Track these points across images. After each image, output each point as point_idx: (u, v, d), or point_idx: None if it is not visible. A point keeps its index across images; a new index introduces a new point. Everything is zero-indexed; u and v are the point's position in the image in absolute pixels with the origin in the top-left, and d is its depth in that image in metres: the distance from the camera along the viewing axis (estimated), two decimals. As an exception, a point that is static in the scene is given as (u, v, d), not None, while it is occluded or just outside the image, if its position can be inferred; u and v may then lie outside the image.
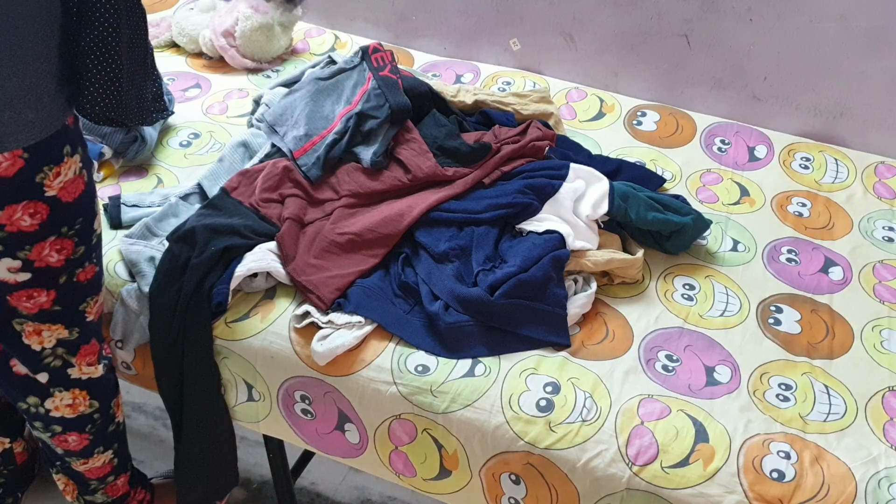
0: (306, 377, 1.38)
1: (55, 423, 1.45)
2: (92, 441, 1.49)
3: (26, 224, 1.20)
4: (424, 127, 1.67)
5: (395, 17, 2.23)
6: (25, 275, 1.24)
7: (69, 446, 1.49)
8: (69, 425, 1.45)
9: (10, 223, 1.18)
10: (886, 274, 1.56)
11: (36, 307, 1.29)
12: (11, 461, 1.72)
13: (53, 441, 1.48)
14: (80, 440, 1.48)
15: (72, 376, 1.40)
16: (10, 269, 1.23)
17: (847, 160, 1.85)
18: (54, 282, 1.28)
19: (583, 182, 1.56)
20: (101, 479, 1.56)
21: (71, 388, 1.41)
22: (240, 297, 1.45)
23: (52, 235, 1.24)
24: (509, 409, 1.28)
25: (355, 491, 1.90)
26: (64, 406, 1.43)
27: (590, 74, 2.08)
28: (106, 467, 1.55)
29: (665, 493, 1.20)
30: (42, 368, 1.37)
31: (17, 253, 1.22)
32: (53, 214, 1.22)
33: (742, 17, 1.87)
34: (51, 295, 1.29)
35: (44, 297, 1.28)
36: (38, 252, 1.23)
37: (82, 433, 1.47)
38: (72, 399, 1.42)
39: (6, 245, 1.21)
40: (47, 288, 1.28)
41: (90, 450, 1.50)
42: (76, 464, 1.52)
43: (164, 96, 1.42)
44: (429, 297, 1.40)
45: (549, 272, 1.40)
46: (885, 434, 1.27)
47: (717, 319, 1.44)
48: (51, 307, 1.30)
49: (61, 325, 1.33)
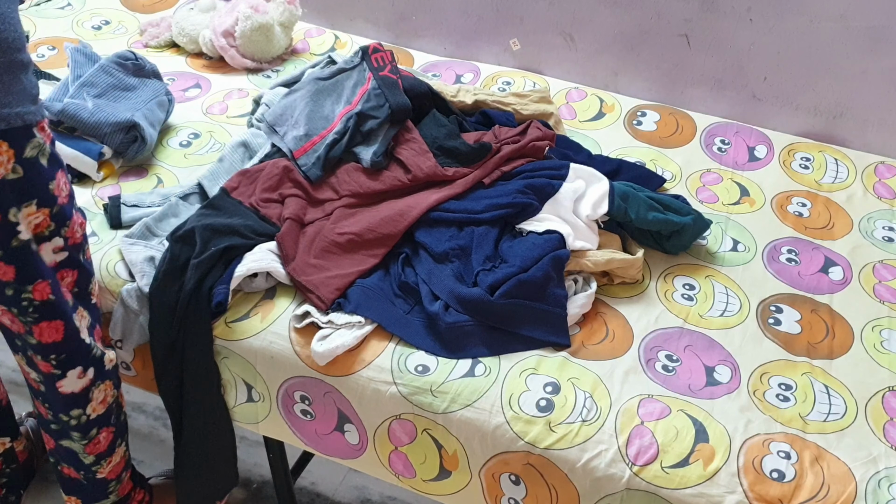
0: (306, 377, 1.38)
1: (94, 426, 1.43)
2: (115, 434, 1.49)
3: (64, 195, 1.19)
4: (424, 127, 1.67)
5: (395, 17, 2.23)
6: (64, 254, 1.23)
7: (100, 447, 1.47)
8: (101, 422, 1.44)
9: (59, 195, 1.17)
10: (886, 274, 1.56)
11: (68, 290, 1.28)
12: (14, 460, 1.72)
13: (87, 449, 1.45)
14: (107, 435, 1.47)
15: (106, 367, 1.40)
16: (55, 250, 1.21)
17: (847, 160, 1.85)
18: (77, 261, 1.27)
19: (583, 182, 1.56)
20: (118, 479, 1.55)
21: (105, 381, 1.41)
22: (240, 297, 1.45)
23: (74, 208, 1.23)
24: (509, 409, 1.28)
25: (355, 491, 1.90)
26: (98, 404, 1.41)
27: (590, 74, 2.08)
28: (122, 463, 1.54)
29: (665, 493, 1.20)
30: (91, 363, 1.36)
31: (61, 230, 1.21)
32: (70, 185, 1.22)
33: (742, 17, 1.87)
34: (74, 275, 1.27)
35: (70, 278, 1.27)
36: (72, 228, 1.23)
37: (109, 426, 1.46)
38: (104, 392, 1.41)
39: (57, 221, 1.19)
40: (72, 268, 1.27)
41: (114, 445, 1.49)
42: (102, 468, 1.50)
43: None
44: (429, 297, 1.40)
45: (549, 272, 1.40)
46: (885, 434, 1.27)
47: (717, 319, 1.44)
48: (73, 288, 1.29)
49: (83, 309, 1.32)
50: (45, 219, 1.19)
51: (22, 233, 1.17)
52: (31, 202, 1.17)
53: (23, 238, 1.18)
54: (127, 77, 1.76)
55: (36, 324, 1.27)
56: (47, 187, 1.18)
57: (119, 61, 1.78)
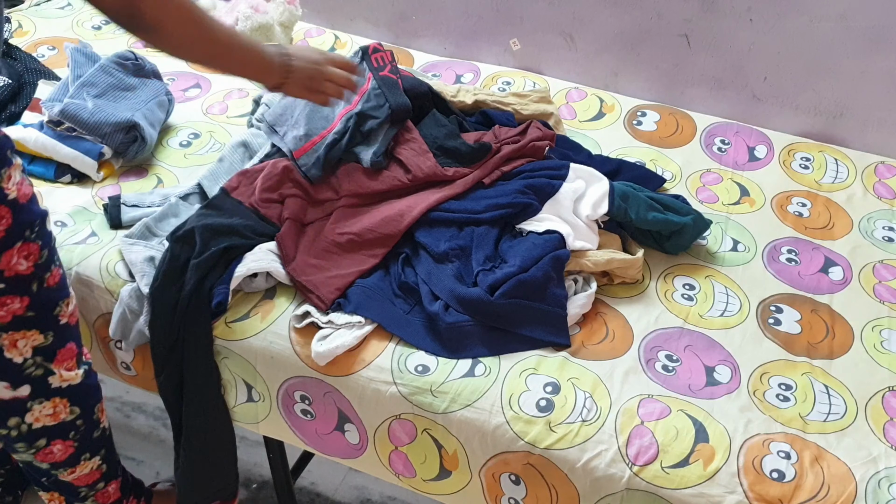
0: (306, 377, 1.38)
1: (39, 437, 1.41)
2: (77, 448, 1.46)
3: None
4: (424, 127, 1.67)
5: (395, 17, 2.23)
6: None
7: (55, 457, 1.45)
8: (52, 434, 1.42)
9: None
10: (886, 274, 1.56)
11: (9, 314, 1.26)
12: (9, 461, 1.72)
13: (38, 457, 1.44)
14: (64, 448, 1.44)
15: (52, 385, 1.37)
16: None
17: (847, 160, 1.85)
18: (27, 289, 1.26)
19: (583, 182, 1.56)
20: (90, 486, 1.54)
21: (52, 398, 1.38)
22: (240, 297, 1.45)
23: (18, 241, 1.21)
24: (509, 409, 1.28)
25: (355, 491, 1.90)
26: (45, 416, 1.39)
27: (590, 74, 2.08)
28: (94, 474, 1.52)
29: (665, 494, 1.20)
30: (24, 380, 1.34)
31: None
32: (16, 218, 1.19)
33: (742, 17, 1.87)
34: (24, 301, 1.26)
35: (17, 304, 1.26)
36: (7, 261, 1.21)
37: (66, 440, 1.44)
38: (52, 408, 1.39)
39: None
40: (20, 295, 1.25)
41: (76, 457, 1.47)
42: (63, 474, 1.49)
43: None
44: (429, 297, 1.40)
45: (549, 272, 1.40)
46: (885, 434, 1.27)
47: (717, 319, 1.44)
48: (24, 313, 1.27)
49: (36, 331, 1.30)
50: None
51: None
52: None
53: None
54: (127, 77, 1.76)
55: None
56: None
57: (119, 61, 1.78)
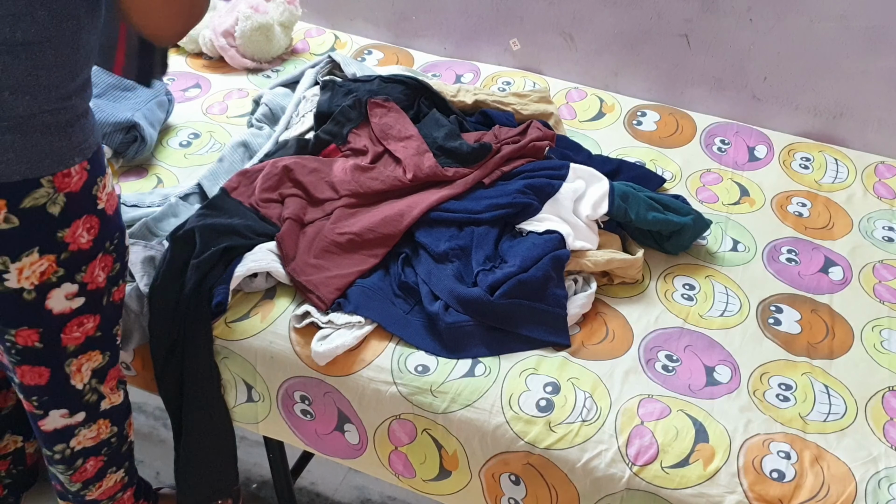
0: (306, 377, 1.38)
1: (78, 458, 1.41)
2: (106, 462, 1.46)
3: (84, 241, 1.15)
4: (424, 127, 1.67)
5: (395, 17, 2.23)
6: (80, 300, 1.19)
7: (87, 475, 1.44)
8: (89, 453, 1.42)
9: (73, 241, 1.14)
10: (886, 274, 1.56)
11: (83, 335, 1.24)
12: (22, 461, 1.71)
13: (73, 478, 1.43)
14: (95, 463, 1.44)
15: (102, 409, 1.36)
16: (68, 296, 1.18)
17: (847, 160, 1.85)
18: (100, 305, 1.23)
19: (583, 182, 1.56)
20: (110, 498, 1.54)
21: (97, 420, 1.38)
22: (240, 297, 1.45)
23: (100, 252, 1.19)
24: (509, 409, 1.28)
25: (355, 491, 1.90)
26: (88, 439, 1.39)
27: (590, 74, 2.08)
28: (116, 486, 1.52)
29: (665, 494, 1.20)
30: (81, 407, 1.33)
31: (75, 276, 1.17)
32: (102, 228, 1.18)
33: (742, 17, 1.87)
34: (96, 320, 1.24)
35: (91, 324, 1.23)
36: (91, 272, 1.19)
37: (98, 456, 1.44)
38: (97, 430, 1.39)
39: (67, 268, 1.15)
40: (94, 312, 1.23)
41: (104, 471, 1.47)
42: (91, 492, 1.48)
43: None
44: (429, 297, 1.40)
45: (549, 272, 1.40)
46: (885, 434, 1.27)
47: (717, 319, 1.44)
48: (94, 333, 1.25)
49: (99, 352, 1.29)
50: (52, 265, 1.15)
51: (8, 281, 1.14)
52: (31, 251, 1.13)
53: (8, 286, 1.14)
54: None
55: (18, 365, 1.24)
56: (54, 235, 1.13)
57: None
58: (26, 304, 1.16)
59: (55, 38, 1.06)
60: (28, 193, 1.09)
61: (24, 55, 1.04)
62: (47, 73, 1.07)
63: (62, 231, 1.13)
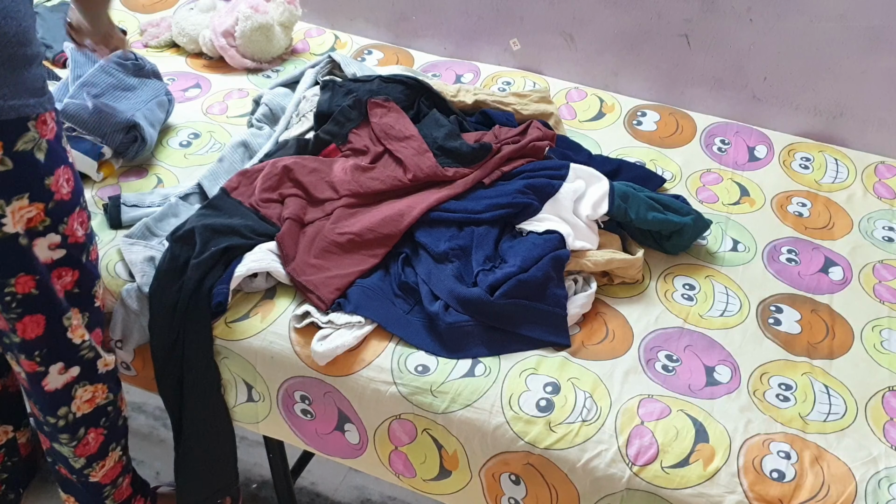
0: (306, 377, 1.38)
1: (81, 425, 1.43)
2: (107, 436, 1.48)
3: (65, 192, 1.17)
4: (424, 127, 1.67)
5: (395, 17, 2.23)
6: (61, 251, 1.21)
7: (90, 448, 1.46)
8: (89, 422, 1.44)
9: (57, 191, 1.15)
10: (886, 274, 1.56)
11: (62, 289, 1.26)
12: (16, 452, 1.71)
13: (76, 451, 1.45)
14: (96, 436, 1.46)
15: (98, 370, 1.39)
16: (51, 247, 1.19)
17: (847, 160, 1.85)
18: (79, 261, 1.25)
19: (583, 182, 1.56)
20: (113, 483, 1.55)
21: (95, 383, 1.40)
22: (240, 297, 1.45)
23: (77, 206, 1.21)
24: (509, 409, 1.28)
25: (355, 491, 1.90)
26: (84, 403, 1.40)
27: (590, 74, 2.08)
28: (117, 467, 1.54)
29: (665, 494, 1.20)
30: (77, 361, 1.35)
31: (58, 227, 1.19)
32: (76, 181, 1.20)
33: (742, 17, 1.87)
34: (75, 275, 1.26)
35: (69, 278, 1.25)
36: (71, 225, 1.21)
37: (98, 428, 1.46)
38: (92, 393, 1.41)
39: (52, 218, 1.17)
40: (73, 267, 1.25)
41: (106, 447, 1.49)
42: (95, 471, 1.50)
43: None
44: (429, 297, 1.40)
45: (549, 272, 1.40)
46: (885, 434, 1.27)
47: (717, 319, 1.44)
48: (72, 289, 1.27)
49: (78, 310, 1.31)
50: (39, 213, 1.17)
51: (6, 226, 1.16)
52: (22, 196, 1.15)
53: (7, 231, 1.16)
54: (127, 77, 1.77)
55: (19, 319, 1.26)
56: (42, 182, 1.16)
57: (119, 61, 1.78)
58: (21, 249, 1.18)
59: None
60: (20, 136, 1.11)
61: None
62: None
63: (48, 178, 1.15)
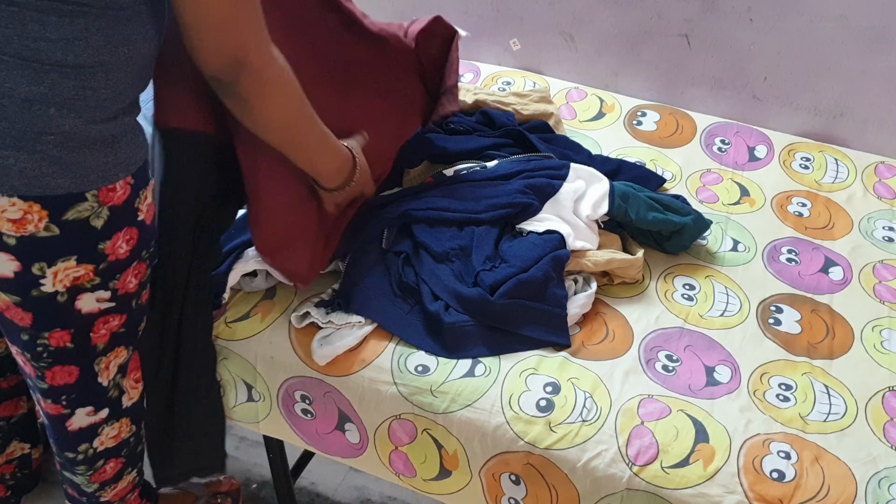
0: (306, 377, 1.38)
1: (100, 458, 1.41)
2: (125, 464, 1.46)
3: (122, 252, 1.16)
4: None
5: (395, 17, 2.23)
6: (109, 304, 1.21)
7: (105, 476, 1.44)
8: (110, 454, 1.42)
9: (112, 252, 1.15)
10: (886, 274, 1.56)
11: (108, 332, 1.25)
12: (27, 466, 1.72)
13: (92, 479, 1.43)
14: (115, 465, 1.44)
15: (123, 406, 1.37)
16: (99, 300, 1.19)
17: (847, 160, 1.85)
18: (129, 307, 1.25)
19: (583, 182, 1.56)
20: (122, 500, 1.53)
21: (120, 419, 1.38)
22: (240, 297, 1.45)
23: (135, 261, 1.21)
24: (509, 409, 1.28)
25: (355, 491, 1.90)
26: (109, 439, 1.39)
27: (590, 74, 2.08)
28: (128, 487, 1.52)
29: (665, 494, 1.20)
30: (105, 404, 1.33)
31: (109, 284, 1.18)
32: (140, 238, 1.19)
33: (742, 17, 1.87)
34: (122, 319, 1.25)
35: (116, 322, 1.24)
36: (124, 279, 1.20)
37: (118, 458, 1.44)
38: (118, 429, 1.39)
39: (103, 277, 1.16)
40: (121, 313, 1.24)
41: (121, 473, 1.47)
42: (106, 494, 1.48)
43: None
44: (429, 296, 1.40)
45: (549, 272, 1.40)
46: (886, 434, 1.27)
47: (717, 319, 1.44)
48: (118, 330, 1.26)
49: (124, 347, 1.30)
50: (88, 273, 1.15)
51: (45, 286, 1.14)
52: (69, 258, 1.13)
53: (45, 290, 1.14)
54: (127, 77, 1.76)
55: (49, 368, 1.24)
56: (95, 247, 1.14)
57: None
58: (59, 306, 1.17)
59: (108, 63, 1.06)
60: (72, 206, 1.09)
61: (74, 76, 1.04)
62: (94, 93, 1.06)
63: (103, 243, 1.14)
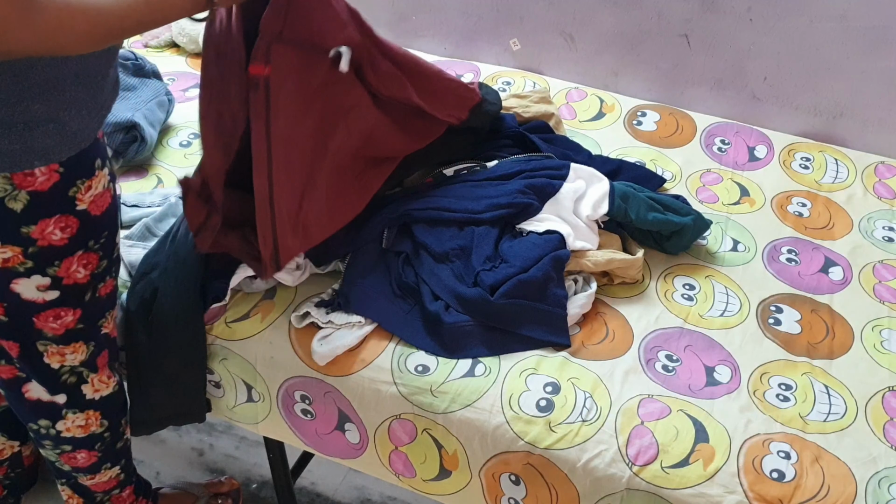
0: (306, 377, 1.38)
1: (65, 443, 1.43)
2: (100, 458, 1.48)
3: (56, 238, 1.17)
4: None
5: (395, 17, 2.23)
6: (54, 293, 1.22)
7: (77, 463, 1.47)
8: (79, 444, 1.43)
9: (41, 238, 1.16)
10: (886, 274, 1.56)
11: (62, 328, 1.26)
12: (20, 464, 1.72)
13: (62, 458, 1.46)
14: (88, 457, 1.46)
15: (87, 396, 1.38)
16: (39, 287, 1.20)
17: (847, 160, 1.85)
18: (81, 300, 1.26)
19: (583, 182, 1.56)
20: (106, 493, 1.55)
21: (85, 410, 1.39)
22: (240, 297, 1.45)
23: (79, 250, 1.21)
24: (509, 409, 1.28)
25: (355, 491, 1.90)
26: (76, 427, 1.40)
27: (590, 74, 2.08)
28: (112, 482, 1.54)
29: (665, 494, 1.20)
30: (60, 388, 1.34)
31: (46, 269, 1.19)
32: (83, 228, 1.20)
33: (742, 17, 1.87)
34: (77, 314, 1.26)
35: (70, 317, 1.26)
36: (67, 268, 1.21)
37: (91, 451, 1.45)
38: (84, 420, 1.40)
39: (36, 261, 1.18)
40: (73, 307, 1.25)
41: (98, 466, 1.49)
42: (83, 479, 1.51)
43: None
44: (429, 296, 1.40)
45: (549, 272, 1.40)
46: (885, 434, 1.27)
47: (717, 319, 1.44)
48: (75, 326, 1.27)
49: (83, 343, 1.31)
50: (16, 256, 1.17)
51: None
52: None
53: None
54: (127, 77, 1.77)
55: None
56: (18, 230, 1.15)
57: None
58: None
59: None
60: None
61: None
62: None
63: (27, 227, 1.15)
